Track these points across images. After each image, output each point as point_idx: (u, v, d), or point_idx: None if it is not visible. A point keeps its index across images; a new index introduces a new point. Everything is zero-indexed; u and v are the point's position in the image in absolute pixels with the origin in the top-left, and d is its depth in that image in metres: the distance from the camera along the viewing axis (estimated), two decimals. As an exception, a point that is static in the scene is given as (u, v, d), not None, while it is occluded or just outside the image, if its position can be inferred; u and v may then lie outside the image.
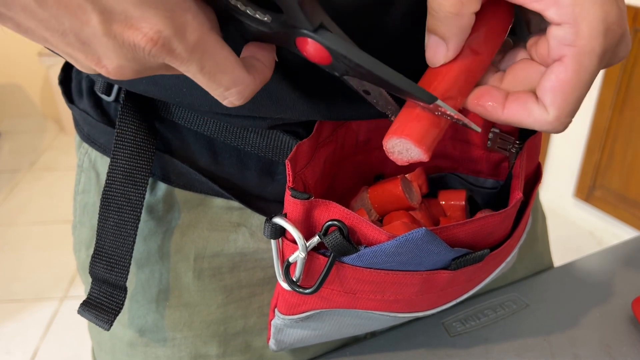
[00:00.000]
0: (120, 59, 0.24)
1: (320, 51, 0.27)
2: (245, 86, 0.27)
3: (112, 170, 0.38)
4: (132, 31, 0.23)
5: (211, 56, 0.25)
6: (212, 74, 0.26)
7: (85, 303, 0.39)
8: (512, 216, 0.38)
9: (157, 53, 0.24)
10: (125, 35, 0.23)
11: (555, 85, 0.28)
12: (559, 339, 0.49)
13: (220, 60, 0.26)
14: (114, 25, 0.23)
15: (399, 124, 0.30)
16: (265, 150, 0.39)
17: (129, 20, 0.23)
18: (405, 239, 0.31)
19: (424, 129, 0.30)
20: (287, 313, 0.39)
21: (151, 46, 0.24)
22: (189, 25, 0.24)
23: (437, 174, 0.47)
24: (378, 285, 0.35)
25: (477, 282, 0.41)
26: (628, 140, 1.69)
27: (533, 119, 0.29)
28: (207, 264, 0.43)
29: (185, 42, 0.24)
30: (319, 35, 0.26)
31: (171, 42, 0.24)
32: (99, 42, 0.24)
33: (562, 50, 0.28)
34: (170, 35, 0.24)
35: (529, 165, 0.41)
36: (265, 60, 0.29)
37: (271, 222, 0.33)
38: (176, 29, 0.24)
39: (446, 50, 0.29)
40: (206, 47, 0.25)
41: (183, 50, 0.24)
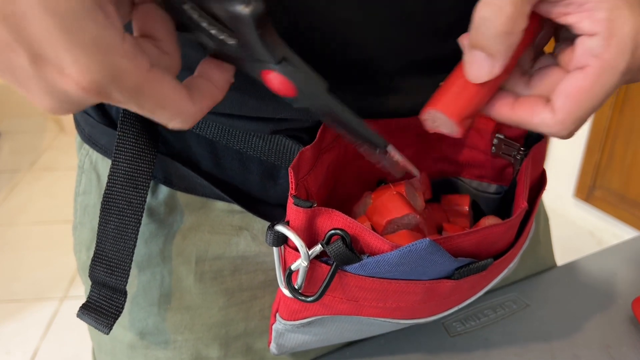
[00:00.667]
0: (52, 100, 0.23)
1: (284, 84, 0.27)
2: (189, 116, 0.27)
3: (113, 173, 0.38)
4: (63, 78, 0.22)
5: (150, 96, 0.25)
6: (152, 111, 0.25)
7: (84, 306, 0.39)
8: (516, 226, 0.37)
9: (92, 98, 0.23)
10: (57, 81, 0.22)
11: (570, 90, 0.28)
12: (559, 339, 0.49)
13: (160, 99, 0.25)
14: (44, 68, 0.22)
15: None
16: (267, 154, 0.39)
17: (60, 65, 0.22)
18: (408, 249, 0.31)
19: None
20: (289, 319, 0.39)
21: (84, 93, 0.23)
22: (126, 70, 0.23)
23: (441, 178, 0.47)
24: (380, 293, 0.35)
25: (479, 289, 0.41)
26: (628, 140, 1.69)
27: (539, 119, 0.29)
28: (209, 267, 0.42)
29: (122, 88, 0.23)
30: (283, 69, 0.26)
31: (107, 89, 0.23)
32: (32, 83, 0.23)
33: (587, 60, 0.28)
34: (105, 84, 0.23)
35: (534, 172, 0.41)
36: (218, 82, 0.29)
37: (273, 230, 0.33)
38: (112, 76, 0.23)
39: (492, 68, 0.29)
40: (144, 90, 0.24)
41: (119, 95, 0.24)
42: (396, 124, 0.41)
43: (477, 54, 0.29)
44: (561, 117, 0.29)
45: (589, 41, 0.28)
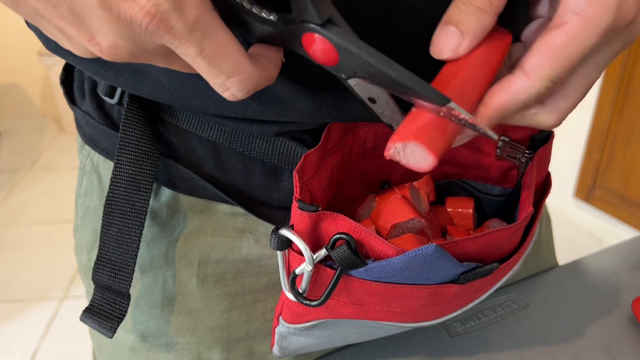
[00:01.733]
0: (115, 36, 0.23)
1: (327, 49, 0.26)
2: (248, 76, 0.26)
3: (115, 176, 0.38)
4: (128, 3, 0.22)
5: (212, 37, 0.24)
6: (212, 58, 0.24)
7: (87, 310, 0.38)
8: (521, 229, 0.37)
9: (155, 29, 0.23)
10: (122, 8, 0.22)
11: (546, 47, 0.27)
12: (559, 339, 0.49)
13: (221, 43, 0.24)
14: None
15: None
16: (271, 157, 0.39)
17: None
18: (414, 254, 0.31)
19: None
20: (292, 322, 0.39)
21: (148, 21, 0.22)
22: (189, 1, 0.23)
23: (445, 180, 0.46)
24: (385, 297, 0.35)
25: (483, 292, 0.41)
26: (628, 140, 1.69)
27: (515, 90, 0.28)
28: (211, 270, 0.42)
29: (185, 18, 0.23)
30: (326, 30, 0.25)
31: (169, 17, 0.22)
32: (94, 14, 0.22)
33: (567, 17, 0.27)
34: (168, 10, 0.22)
35: (539, 175, 0.41)
36: (271, 58, 0.28)
37: (278, 234, 0.33)
38: (175, 4, 0.22)
39: (459, 44, 0.28)
40: (206, 27, 0.23)
41: (182, 27, 0.23)
42: None
43: (448, 28, 0.28)
44: (536, 74, 0.27)
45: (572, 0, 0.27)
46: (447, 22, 0.28)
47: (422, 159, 0.28)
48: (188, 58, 0.24)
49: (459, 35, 0.28)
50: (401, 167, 0.44)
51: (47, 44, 0.36)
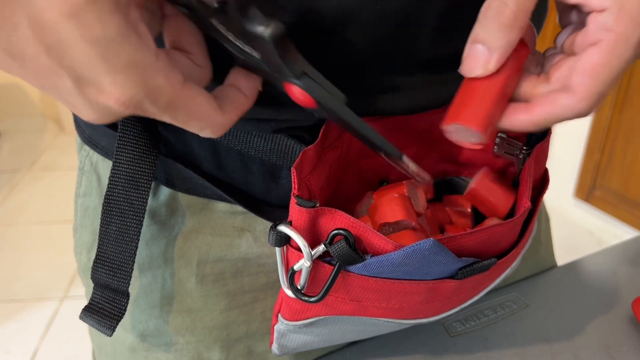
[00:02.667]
0: (95, 114, 0.26)
1: (305, 97, 0.29)
2: (219, 126, 0.29)
3: (114, 175, 0.38)
4: (103, 96, 0.24)
5: (183, 109, 0.27)
6: (185, 122, 0.27)
7: (87, 308, 0.38)
8: (519, 225, 0.37)
9: (130, 112, 0.25)
10: (98, 99, 0.25)
11: (587, 66, 0.28)
12: (559, 339, 0.49)
13: (192, 111, 0.27)
14: (86, 89, 0.24)
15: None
16: (269, 155, 0.39)
17: (100, 85, 0.24)
18: (412, 249, 0.31)
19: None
20: (291, 319, 0.39)
21: (124, 108, 0.25)
22: (160, 86, 0.25)
23: (443, 177, 0.46)
24: (384, 293, 0.35)
25: (481, 288, 0.41)
26: (628, 140, 1.69)
27: (560, 106, 0.29)
28: (210, 269, 0.42)
29: (157, 103, 0.25)
30: (303, 83, 0.28)
31: (143, 104, 0.25)
32: (75, 100, 0.25)
33: (600, 34, 0.28)
34: (142, 99, 0.25)
35: (537, 171, 0.41)
36: (247, 90, 0.30)
37: (276, 230, 0.33)
38: (147, 93, 0.25)
39: (488, 61, 0.29)
40: (178, 103, 0.26)
41: (155, 110, 0.26)
42: (397, 123, 0.41)
43: (476, 47, 0.29)
44: (581, 95, 0.29)
45: (600, 17, 0.28)
46: (474, 40, 0.30)
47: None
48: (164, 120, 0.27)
49: (486, 53, 0.29)
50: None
51: None
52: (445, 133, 0.32)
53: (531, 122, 0.31)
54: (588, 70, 0.28)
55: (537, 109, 0.30)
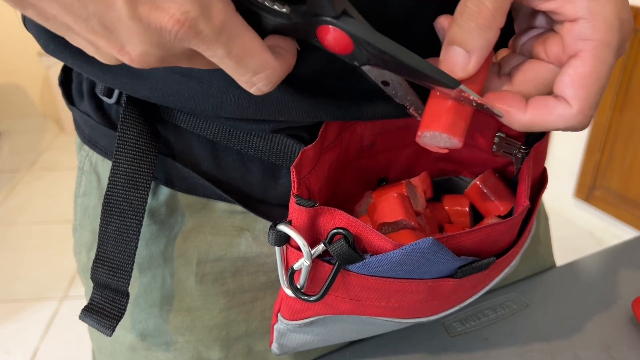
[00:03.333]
0: (144, 45, 0.24)
1: (341, 39, 0.27)
2: (273, 70, 0.27)
3: (114, 175, 0.38)
4: (158, 13, 0.23)
5: (238, 38, 0.25)
6: (240, 58, 0.25)
7: (86, 308, 0.38)
8: (518, 224, 0.37)
9: (184, 36, 0.24)
10: (152, 18, 0.23)
11: (575, 78, 0.28)
12: (559, 339, 0.49)
13: (247, 43, 0.25)
14: (139, 7, 0.23)
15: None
16: (268, 154, 0.39)
17: (155, 1, 0.23)
18: (411, 248, 0.31)
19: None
20: (291, 318, 0.39)
21: (178, 28, 0.23)
22: (215, 5, 0.24)
23: (441, 177, 0.47)
24: (383, 292, 0.35)
25: (480, 287, 0.41)
26: (628, 140, 1.69)
27: (556, 115, 0.29)
28: (210, 269, 0.42)
29: (212, 23, 0.24)
30: (342, 22, 0.26)
31: (198, 23, 0.23)
32: (124, 26, 0.23)
33: (579, 45, 0.28)
34: (196, 16, 0.23)
35: (535, 170, 0.41)
36: (288, 48, 0.29)
37: (276, 229, 0.33)
38: (202, 10, 0.23)
39: (467, 63, 0.29)
40: (232, 29, 0.25)
41: (210, 32, 0.24)
42: (395, 124, 0.41)
43: (454, 49, 0.29)
44: (578, 106, 0.29)
45: (575, 27, 0.28)
46: (451, 42, 0.29)
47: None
48: (216, 59, 0.25)
49: (465, 55, 0.29)
50: (398, 164, 0.44)
51: (46, 46, 0.36)
52: (419, 139, 0.31)
53: (522, 122, 0.30)
54: (578, 81, 0.28)
55: (531, 111, 0.30)
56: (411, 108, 0.33)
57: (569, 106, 0.29)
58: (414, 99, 0.32)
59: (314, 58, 0.33)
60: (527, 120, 0.30)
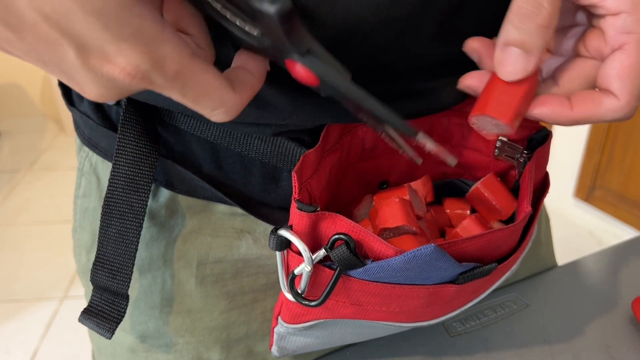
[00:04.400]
0: (100, 88, 0.25)
1: (307, 74, 0.27)
2: (231, 106, 0.27)
3: (114, 177, 0.38)
4: (109, 66, 0.23)
5: (192, 84, 0.25)
6: (195, 100, 0.26)
7: (86, 311, 0.38)
8: (520, 230, 0.37)
9: (137, 84, 0.24)
10: (104, 70, 0.24)
11: (621, 71, 0.29)
12: (559, 339, 0.49)
13: (202, 86, 0.26)
14: (90, 59, 0.23)
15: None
16: (269, 157, 0.39)
17: (105, 55, 0.23)
18: (413, 255, 0.31)
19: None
20: (291, 322, 0.38)
21: (130, 79, 0.24)
22: (168, 56, 0.24)
23: (443, 180, 0.46)
24: (384, 297, 0.35)
25: (481, 292, 0.41)
26: (628, 140, 1.69)
27: (605, 109, 0.30)
28: (210, 270, 0.42)
29: (165, 73, 0.24)
30: (307, 61, 0.27)
31: (150, 75, 0.24)
32: (78, 73, 0.24)
33: (623, 38, 0.28)
34: (148, 69, 0.24)
35: (537, 175, 0.41)
36: (255, 71, 0.29)
37: (277, 234, 0.33)
38: (154, 62, 0.24)
39: (527, 64, 0.29)
40: (186, 76, 0.25)
41: (163, 82, 0.25)
42: None
43: (512, 50, 0.29)
44: (626, 98, 0.29)
45: (618, 20, 0.28)
46: (507, 43, 0.29)
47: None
48: (173, 98, 0.26)
49: (525, 56, 0.29)
50: (399, 167, 0.44)
51: None
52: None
53: (571, 118, 0.30)
54: (623, 74, 0.29)
55: (578, 107, 0.30)
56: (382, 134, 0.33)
57: (617, 99, 0.29)
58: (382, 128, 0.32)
59: None
60: (575, 117, 0.30)
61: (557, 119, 0.31)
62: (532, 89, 0.31)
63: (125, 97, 0.27)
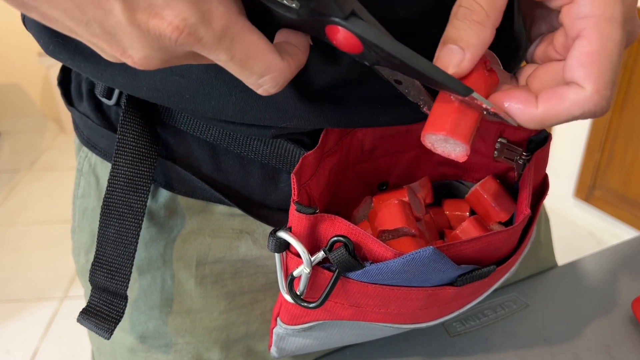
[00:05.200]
0: (146, 49, 0.24)
1: (351, 40, 0.26)
2: (280, 72, 0.26)
3: (113, 177, 0.38)
4: (156, 20, 0.23)
5: (240, 43, 0.24)
6: (243, 62, 0.25)
7: (85, 311, 0.38)
8: (519, 232, 0.37)
9: (184, 41, 0.23)
10: (151, 24, 0.23)
11: (582, 58, 0.27)
12: (559, 339, 0.49)
13: (250, 47, 0.25)
14: (137, 14, 0.22)
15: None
16: (269, 158, 0.39)
17: (153, 8, 0.22)
18: (412, 257, 0.31)
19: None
20: (290, 323, 0.38)
21: (177, 34, 0.23)
22: (215, 11, 0.23)
23: (442, 181, 0.46)
24: (383, 299, 0.35)
25: (480, 293, 0.41)
26: (628, 140, 1.69)
27: (570, 101, 0.27)
28: (209, 270, 0.42)
29: (212, 29, 0.23)
30: (350, 24, 0.25)
31: (197, 30, 0.23)
32: (124, 31, 0.23)
33: (580, 24, 0.27)
34: (196, 23, 0.23)
35: (536, 177, 0.41)
36: (299, 44, 0.28)
37: (275, 236, 0.33)
38: (202, 16, 0.23)
39: (461, 60, 0.28)
40: (234, 34, 0.24)
41: (210, 38, 0.24)
42: (396, 129, 0.41)
43: (448, 47, 0.28)
44: (592, 86, 0.26)
45: (573, 7, 0.27)
46: (446, 41, 0.29)
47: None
48: (220, 62, 0.25)
49: (459, 52, 0.28)
50: (399, 168, 0.44)
51: (46, 47, 0.36)
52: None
53: (536, 117, 0.28)
54: (585, 61, 0.27)
55: (543, 104, 0.28)
56: (425, 107, 0.32)
57: (582, 89, 0.27)
58: (427, 98, 0.31)
59: (320, 66, 0.32)
60: (540, 114, 0.28)
61: (522, 118, 0.29)
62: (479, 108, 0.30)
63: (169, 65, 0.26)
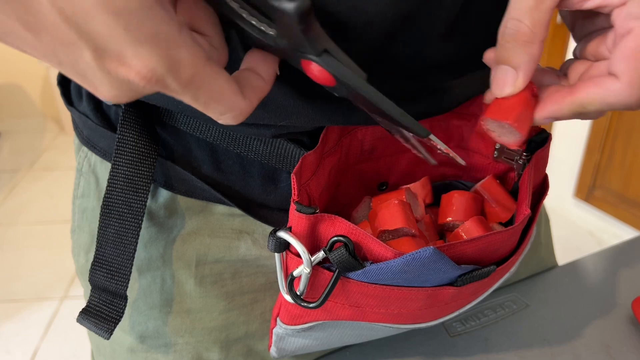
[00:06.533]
0: (114, 90, 0.25)
1: (324, 74, 0.27)
2: (240, 112, 0.28)
3: (113, 177, 0.38)
4: (125, 68, 0.23)
5: (205, 88, 0.26)
6: (206, 104, 0.26)
7: (84, 311, 0.38)
8: (519, 232, 0.37)
9: (151, 88, 0.24)
10: (119, 72, 0.24)
11: (625, 52, 0.28)
12: (559, 339, 0.49)
13: (214, 92, 0.26)
14: (107, 61, 0.23)
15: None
16: (268, 158, 0.39)
17: (122, 58, 0.23)
18: (412, 257, 0.31)
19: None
20: (290, 323, 0.38)
21: (144, 82, 0.24)
22: (183, 61, 0.24)
23: (442, 181, 0.46)
24: (383, 299, 0.35)
25: (480, 293, 0.41)
26: (628, 140, 1.69)
27: (603, 89, 0.29)
28: (209, 270, 0.42)
29: (179, 78, 0.24)
30: (323, 60, 0.27)
31: (164, 79, 0.24)
32: (94, 75, 0.24)
33: (630, 24, 0.28)
34: (164, 73, 0.24)
35: (536, 177, 0.41)
36: (265, 74, 0.29)
37: (275, 236, 0.33)
38: (169, 66, 0.24)
39: (515, 79, 0.30)
40: (200, 81, 0.25)
41: (177, 86, 0.25)
42: None
43: (501, 67, 0.30)
44: (627, 79, 0.28)
45: (624, 10, 0.28)
46: (498, 62, 0.31)
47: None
48: (185, 101, 0.26)
49: (513, 72, 0.30)
50: (399, 169, 0.44)
51: None
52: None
53: (574, 102, 0.30)
54: (627, 55, 0.28)
55: (581, 90, 0.30)
56: (396, 135, 0.33)
57: (619, 80, 0.29)
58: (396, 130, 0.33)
59: None
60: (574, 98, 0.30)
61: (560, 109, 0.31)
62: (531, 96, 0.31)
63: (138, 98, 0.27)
